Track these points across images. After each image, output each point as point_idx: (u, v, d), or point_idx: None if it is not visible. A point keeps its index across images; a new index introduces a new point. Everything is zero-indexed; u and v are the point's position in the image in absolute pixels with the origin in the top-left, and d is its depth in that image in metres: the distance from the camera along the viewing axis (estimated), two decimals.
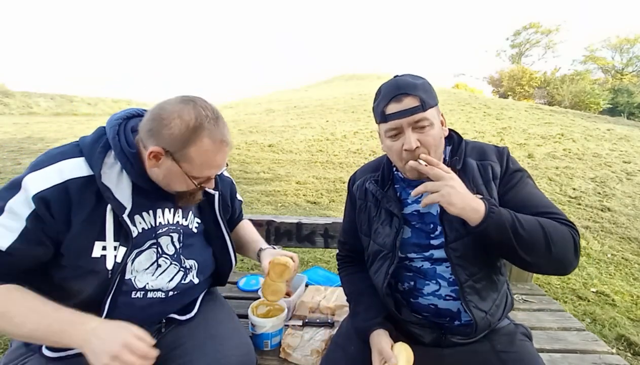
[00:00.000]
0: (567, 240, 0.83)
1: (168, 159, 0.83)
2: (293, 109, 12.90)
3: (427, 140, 0.89)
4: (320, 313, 1.34)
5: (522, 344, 0.96)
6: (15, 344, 0.92)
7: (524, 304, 1.57)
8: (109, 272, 0.83)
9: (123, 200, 0.84)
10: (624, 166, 6.07)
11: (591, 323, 2.24)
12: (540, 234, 0.81)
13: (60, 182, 0.78)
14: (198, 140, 0.82)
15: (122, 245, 0.85)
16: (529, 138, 7.82)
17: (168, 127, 0.81)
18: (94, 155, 0.83)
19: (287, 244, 1.72)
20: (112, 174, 0.84)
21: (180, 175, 0.85)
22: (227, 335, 1.00)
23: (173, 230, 0.98)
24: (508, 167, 0.96)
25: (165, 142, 0.81)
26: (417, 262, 0.98)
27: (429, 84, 0.94)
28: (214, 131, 0.84)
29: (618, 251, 3.44)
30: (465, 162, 0.96)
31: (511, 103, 14.03)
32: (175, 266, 0.98)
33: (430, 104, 0.90)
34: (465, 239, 0.90)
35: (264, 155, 7.14)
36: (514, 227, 0.79)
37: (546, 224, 0.83)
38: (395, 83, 0.92)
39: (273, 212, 4.25)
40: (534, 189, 0.95)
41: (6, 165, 5.89)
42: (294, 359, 1.10)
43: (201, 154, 0.83)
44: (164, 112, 0.82)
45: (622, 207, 4.51)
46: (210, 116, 0.84)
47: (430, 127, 0.90)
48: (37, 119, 13.21)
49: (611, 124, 10.84)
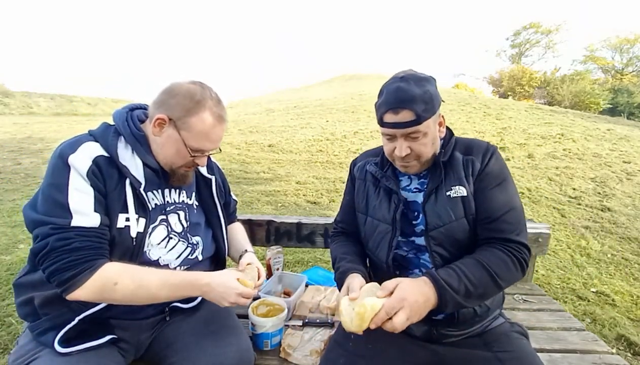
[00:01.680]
0: (510, 269, 0.89)
1: (170, 126, 0.93)
2: (293, 109, 12.90)
3: (418, 148, 0.95)
4: (320, 313, 1.34)
5: (519, 342, 0.96)
6: (22, 340, 0.93)
7: (524, 304, 1.57)
8: (134, 240, 0.91)
9: (138, 177, 0.93)
10: (624, 166, 6.06)
11: (591, 323, 2.24)
12: (489, 280, 0.87)
13: (92, 158, 0.87)
14: (200, 111, 0.93)
15: (141, 217, 0.93)
16: (529, 138, 7.81)
17: (175, 98, 0.93)
18: (109, 140, 0.91)
19: (287, 244, 1.72)
20: (126, 155, 0.93)
21: (179, 143, 0.94)
22: (226, 333, 1.02)
23: (180, 208, 1.06)
24: (487, 167, 0.98)
25: (170, 110, 0.93)
26: (401, 251, 1.03)
27: (431, 91, 0.93)
28: (214, 108, 0.95)
29: (618, 251, 3.44)
30: (452, 155, 1.00)
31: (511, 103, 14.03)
32: (184, 243, 1.05)
33: (425, 116, 0.91)
34: (444, 228, 0.95)
35: (264, 155, 7.14)
36: (466, 293, 0.84)
37: (490, 264, 0.88)
38: (395, 92, 0.91)
39: (273, 212, 4.25)
40: (503, 197, 0.96)
41: (6, 165, 5.89)
42: (294, 358, 1.10)
43: (200, 125, 0.93)
44: (174, 86, 0.95)
45: (622, 207, 4.51)
46: (213, 96, 0.96)
47: (423, 137, 0.94)
48: (37, 119, 13.21)
49: (611, 124, 10.84)
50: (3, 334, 1.89)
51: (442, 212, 0.96)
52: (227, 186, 1.30)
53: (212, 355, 0.93)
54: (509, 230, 0.93)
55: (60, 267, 0.79)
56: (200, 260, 1.10)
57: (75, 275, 0.80)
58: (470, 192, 0.96)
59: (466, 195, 0.96)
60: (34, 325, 0.90)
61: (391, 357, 0.95)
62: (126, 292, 0.84)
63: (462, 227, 0.95)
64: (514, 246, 0.91)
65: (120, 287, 0.83)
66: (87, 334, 0.89)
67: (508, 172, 1.00)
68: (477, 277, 0.86)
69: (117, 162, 0.90)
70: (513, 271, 0.90)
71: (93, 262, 0.82)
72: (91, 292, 0.82)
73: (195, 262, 1.07)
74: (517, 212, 0.96)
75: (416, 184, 1.05)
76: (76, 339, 0.87)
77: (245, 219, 1.68)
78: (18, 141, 7.87)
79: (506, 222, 0.93)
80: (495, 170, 0.98)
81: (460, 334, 0.99)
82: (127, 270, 0.86)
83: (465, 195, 0.96)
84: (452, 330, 0.98)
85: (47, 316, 0.88)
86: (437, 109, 0.95)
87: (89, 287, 0.81)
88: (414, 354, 0.97)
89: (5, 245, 3.06)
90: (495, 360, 0.91)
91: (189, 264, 1.06)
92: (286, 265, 2.87)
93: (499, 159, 1.00)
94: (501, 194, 0.96)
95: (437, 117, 0.97)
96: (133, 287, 0.84)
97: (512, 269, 0.89)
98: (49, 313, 0.89)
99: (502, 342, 0.96)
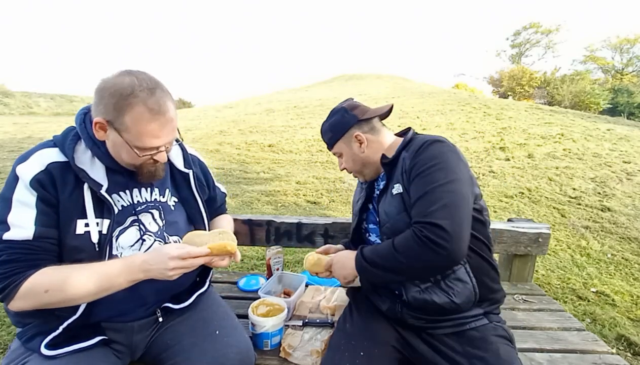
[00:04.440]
0: (411, 246, 0.91)
1: (111, 129, 0.87)
2: (293, 109, 12.89)
3: (346, 165, 1.21)
4: (320, 313, 1.34)
5: (497, 347, 0.95)
6: (14, 345, 0.93)
7: (524, 304, 1.56)
8: (96, 245, 0.88)
9: (98, 179, 0.91)
10: (624, 166, 6.06)
11: (591, 323, 2.24)
12: (391, 253, 0.95)
13: (43, 167, 0.85)
14: (131, 108, 0.84)
15: (105, 218, 0.90)
16: (529, 138, 7.81)
17: (105, 97, 0.85)
18: (66, 144, 0.89)
19: (287, 244, 1.72)
20: (84, 158, 0.91)
21: (124, 145, 0.88)
22: (226, 333, 1.01)
23: (152, 207, 1.02)
24: (413, 160, 1.00)
25: (104, 112, 0.86)
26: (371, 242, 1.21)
27: (337, 120, 1.18)
28: (147, 99, 0.84)
29: (618, 251, 3.44)
30: (398, 155, 1.08)
31: (511, 103, 14.02)
32: (160, 242, 1.01)
33: (331, 143, 1.21)
34: (389, 223, 1.05)
35: (264, 155, 7.14)
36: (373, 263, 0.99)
37: (395, 240, 0.96)
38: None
39: (273, 212, 4.25)
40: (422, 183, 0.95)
41: (6, 165, 5.88)
42: (294, 358, 1.10)
43: (135, 121, 0.85)
44: (104, 83, 0.86)
45: (622, 207, 4.51)
46: (145, 86, 0.85)
47: (344, 156, 1.20)
48: (37, 119, 13.20)
49: (611, 124, 10.83)
50: (3, 334, 1.89)
51: (387, 209, 1.06)
52: (210, 179, 1.26)
53: (213, 357, 0.93)
54: (420, 213, 0.93)
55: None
56: None
57: (4, 288, 0.80)
58: (406, 187, 1.01)
59: (401, 192, 1.02)
60: (21, 332, 0.90)
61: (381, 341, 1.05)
62: (61, 295, 0.81)
63: (403, 220, 1.01)
64: (419, 226, 0.91)
65: (52, 293, 0.81)
66: (76, 337, 0.88)
67: (446, 160, 0.96)
68: (384, 250, 0.98)
69: (73, 167, 0.87)
70: (415, 248, 0.90)
71: (19, 275, 0.80)
72: (26, 302, 0.81)
73: None
74: (435, 194, 0.92)
75: (382, 184, 1.16)
76: (63, 342, 0.87)
77: (245, 219, 1.68)
78: (18, 141, 7.87)
79: (418, 206, 0.94)
80: (420, 161, 0.98)
81: (429, 323, 1.04)
82: (57, 273, 0.82)
83: (401, 192, 1.02)
84: (415, 313, 1.05)
85: (32, 324, 0.89)
86: (343, 133, 1.17)
87: (21, 298, 0.80)
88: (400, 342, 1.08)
89: None
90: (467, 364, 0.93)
91: None
92: (286, 265, 2.87)
93: (430, 151, 0.98)
94: (420, 180, 0.96)
95: (349, 138, 1.17)
96: (65, 288, 0.81)
97: (413, 245, 0.90)
98: (33, 321, 0.89)
99: (478, 346, 0.97)
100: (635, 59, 31.44)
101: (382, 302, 1.12)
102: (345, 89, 19.11)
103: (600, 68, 33.51)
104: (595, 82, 28.58)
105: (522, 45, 39.73)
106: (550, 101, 26.04)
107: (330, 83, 25.27)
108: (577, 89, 24.32)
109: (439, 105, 12.05)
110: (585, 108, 22.11)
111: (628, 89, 25.47)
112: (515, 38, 39.78)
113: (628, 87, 25.75)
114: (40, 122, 11.72)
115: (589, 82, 26.31)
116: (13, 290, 0.79)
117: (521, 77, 30.64)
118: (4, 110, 16.72)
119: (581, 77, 27.29)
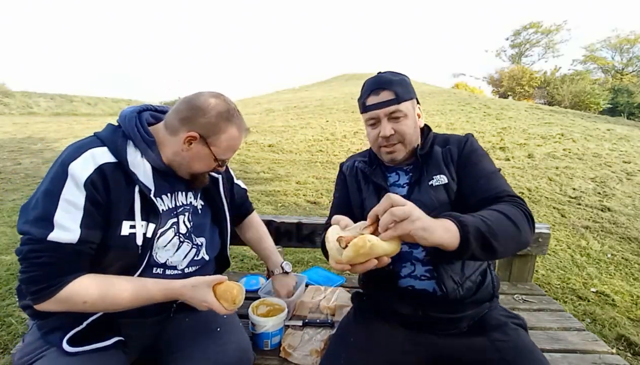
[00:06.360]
0: (519, 218, 0.82)
1: (200, 143, 0.95)
2: (293, 109, 12.90)
3: (401, 129, 1.00)
4: (320, 313, 1.34)
5: (517, 332, 0.95)
6: (28, 338, 0.93)
7: (524, 304, 1.57)
8: (139, 248, 0.90)
9: (147, 183, 0.93)
10: (624, 166, 6.06)
11: (591, 323, 2.24)
12: (509, 224, 0.79)
13: (96, 166, 0.84)
14: (229, 128, 0.97)
15: (151, 222, 0.92)
16: (529, 138, 7.81)
17: (205, 117, 0.94)
18: (118, 144, 0.90)
19: (287, 244, 1.72)
20: (134, 160, 0.92)
21: (208, 157, 0.98)
22: (226, 331, 1.02)
23: (187, 209, 1.07)
24: (464, 150, 1.03)
25: (201, 128, 0.94)
26: None
27: (406, 80, 1.05)
28: (239, 122, 1.00)
29: (618, 251, 3.44)
30: (431, 148, 1.06)
31: (511, 103, 14.03)
32: (188, 244, 1.05)
33: (404, 97, 1.01)
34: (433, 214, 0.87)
35: (264, 155, 7.14)
36: (489, 229, 0.74)
37: (507, 212, 0.81)
38: (376, 78, 1.04)
39: (273, 212, 4.25)
40: (489, 166, 1.00)
41: (6, 165, 5.89)
42: (294, 358, 1.10)
43: (229, 139, 0.98)
44: (201, 102, 0.95)
45: (622, 207, 4.51)
46: (236, 109, 1.00)
47: (404, 118, 1.01)
48: (37, 119, 13.21)
49: (611, 124, 10.83)
50: (3, 334, 1.90)
51: (426, 200, 0.98)
52: (233, 184, 1.33)
53: (212, 354, 0.93)
54: (497, 187, 0.93)
55: (28, 279, 0.80)
56: (207, 260, 1.11)
57: (40, 291, 0.80)
58: (452, 178, 1.00)
59: (447, 183, 1.00)
60: (42, 323, 0.90)
61: (391, 350, 0.96)
62: (97, 308, 0.86)
63: (447, 211, 0.89)
64: (517, 199, 0.89)
65: (89, 305, 0.83)
66: (95, 335, 0.89)
67: (486, 153, 1.05)
68: (496, 218, 0.78)
69: (126, 169, 0.88)
70: (522, 219, 0.82)
71: (60, 279, 0.80)
72: (59, 307, 0.82)
73: (202, 263, 1.08)
74: (500, 178, 0.98)
75: (405, 179, 1.07)
76: (83, 339, 0.87)
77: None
78: (18, 141, 7.87)
79: (490, 182, 0.94)
80: (472, 149, 1.04)
81: (450, 319, 0.97)
82: (97, 288, 0.84)
83: (447, 182, 1.00)
84: (438, 313, 0.96)
85: (55, 316, 0.88)
86: (414, 95, 1.04)
87: (56, 302, 0.81)
88: (414, 347, 0.97)
89: (5, 245, 3.06)
90: (492, 349, 0.89)
91: (197, 265, 1.06)
92: None
93: (474, 143, 1.06)
94: (487, 164, 1.00)
95: (415, 105, 1.05)
96: (103, 304, 0.85)
97: (521, 218, 0.82)
98: (54, 314, 0.88)
99: (500, 330, 0.95)
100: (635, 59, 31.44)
101: (400, 306, 1.01)
102: (345, 89, 19.11)
103: (600, 68, 33.51)
104: (595, 82, 28.56)
105: (522, 45, 39.71)
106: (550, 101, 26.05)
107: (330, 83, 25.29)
108: (577, 89, 24.33)
109: (439, 106, 12.06)
110: (585, 108, 22.12)
111: (628, 89, 25.47)
112: (515, 38, 39.78)
113: (628, 87, 25.75)
114: (40, 122, 11.72)
115: (589, 82, 26.31)
116: (49, 295, 0.80)
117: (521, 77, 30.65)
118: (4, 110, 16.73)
119: (581, 77, 27.31)
